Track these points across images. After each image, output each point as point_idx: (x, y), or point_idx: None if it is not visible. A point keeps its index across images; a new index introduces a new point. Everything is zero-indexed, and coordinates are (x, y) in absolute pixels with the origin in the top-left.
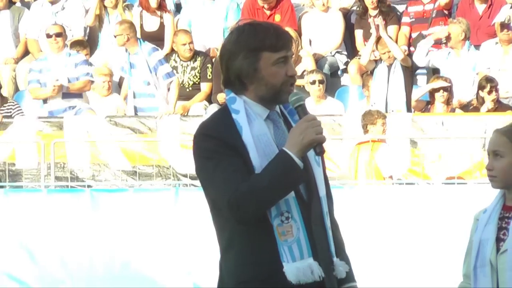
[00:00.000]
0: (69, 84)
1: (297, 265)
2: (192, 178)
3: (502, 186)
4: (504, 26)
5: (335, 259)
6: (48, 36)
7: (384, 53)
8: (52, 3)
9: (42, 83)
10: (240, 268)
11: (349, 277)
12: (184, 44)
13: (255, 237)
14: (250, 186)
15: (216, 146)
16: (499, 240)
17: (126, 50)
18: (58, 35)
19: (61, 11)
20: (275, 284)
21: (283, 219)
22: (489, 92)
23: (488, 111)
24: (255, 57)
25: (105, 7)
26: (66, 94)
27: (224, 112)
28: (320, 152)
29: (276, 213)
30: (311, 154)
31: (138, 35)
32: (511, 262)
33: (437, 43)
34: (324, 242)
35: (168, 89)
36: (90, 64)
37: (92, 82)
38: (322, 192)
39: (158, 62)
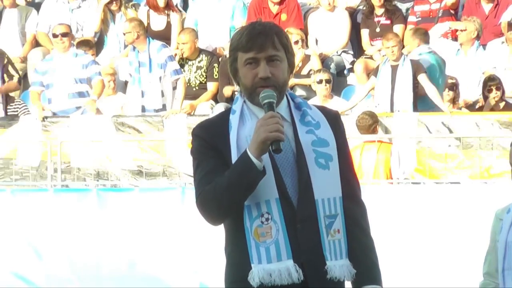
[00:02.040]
0: (86, 85)
1: (271, 267)
2: None
3: None
4: (511, 25)
5: (329, 261)
6: (54, 35)
7: (389, 48)
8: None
9: (46, 85)
10: (231, 268)
11: (369, 278)
12: (184, 44)
13: (242, 238)
14: (212, 187)
15: (200, 147)
16: None
17: (134, 48)
18: (64, 35)
19: (77, 9)
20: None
21: (263, 220)
22: (490, 91)
23: (491, 110)
24: (233, 57)
25: (109, 10)
26: (73, 94)
27: (226, 113)
28: (275, 150)
29: (256, 215)
30: (311, 156)
31: None
32: None
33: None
34: (315, 245)
35: (175, 87)
36: (98, 64)
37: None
38: (322, 194)
39: (168, 58)
